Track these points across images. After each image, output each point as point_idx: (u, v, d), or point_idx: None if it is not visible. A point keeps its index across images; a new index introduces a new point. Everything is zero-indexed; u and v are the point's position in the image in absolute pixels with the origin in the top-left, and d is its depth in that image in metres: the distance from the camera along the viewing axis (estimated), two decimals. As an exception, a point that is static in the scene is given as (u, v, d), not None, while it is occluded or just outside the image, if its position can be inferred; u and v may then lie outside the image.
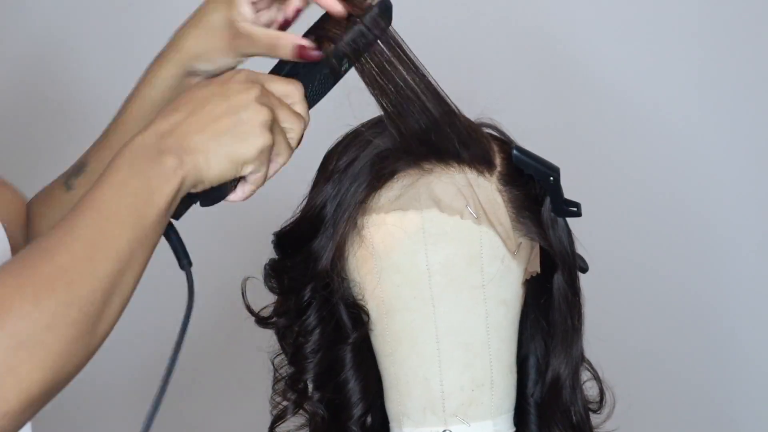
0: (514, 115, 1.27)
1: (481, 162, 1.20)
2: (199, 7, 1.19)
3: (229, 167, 1.04)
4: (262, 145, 1.05)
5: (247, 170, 1.05)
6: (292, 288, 1.23)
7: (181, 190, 1.02)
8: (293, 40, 1.12)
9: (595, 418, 1.28)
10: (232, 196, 1.09)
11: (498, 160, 1.22)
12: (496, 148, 1.22)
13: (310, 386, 1.24)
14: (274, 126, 1.06)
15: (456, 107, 1.19)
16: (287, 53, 1.13)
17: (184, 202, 1.06)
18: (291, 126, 1.08)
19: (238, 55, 1.17)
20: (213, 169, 1.03)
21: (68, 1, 2.19)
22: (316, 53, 1.12)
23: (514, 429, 1.24)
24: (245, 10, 1.16)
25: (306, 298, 1.21)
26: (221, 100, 1.05)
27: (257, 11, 1.17)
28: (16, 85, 2.16)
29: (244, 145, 1.04)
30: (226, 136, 1.03)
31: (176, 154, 1.02)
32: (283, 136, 1.07)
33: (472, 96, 1.24)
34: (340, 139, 1.25)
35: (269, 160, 1.07)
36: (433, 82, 1.17)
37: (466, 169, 1.20)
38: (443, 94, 1.17)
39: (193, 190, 1.05)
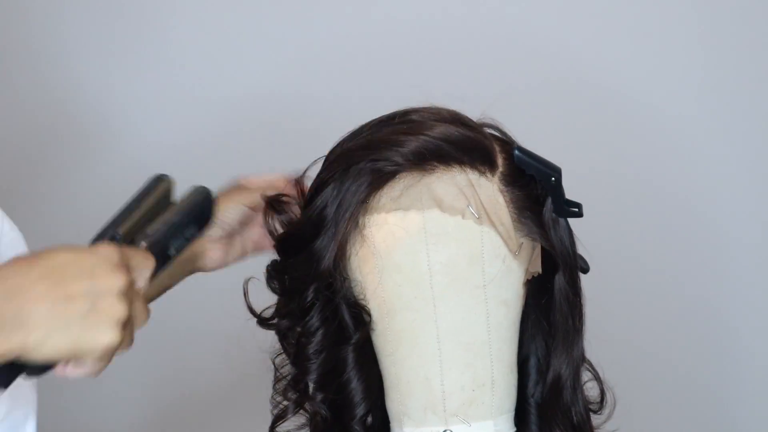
0: (515, 115, 1.27)
1: (482, 162, 1.20)
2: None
3: (65, 354, 0.94)
4: (110, 343, 0.95)
5: (84, 361, 0.96)
6: (295, 288, 1.23)
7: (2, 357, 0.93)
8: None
9: (595, 419, 1.28)
10: (65, 371, 0.97)
11: (500, 161, 1.22)
12: (497, 149, 1.22)
13: (312, 386, 1.24)
14: (126, 323, 0.96)
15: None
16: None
17: (8, 370, 0.95)
18: (138, 320, 0.98)
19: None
20: (46, 349, 0.93)
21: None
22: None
23: (515, 429, 1.24)
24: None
25: (309, 298, 1.21)
26: (83, 277, 0.94)
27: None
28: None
29: (92, 337, 0.94)
30: (75, 322, 0.94)
31: (9, 324, 0.92)
32: (130, 332, 0.97)
33: (474, 96, 1.24)
34: (341, 138, 1.25)
35: (111, 357, 0.97)
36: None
37: (468, 169, 1.20)
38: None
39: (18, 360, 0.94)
